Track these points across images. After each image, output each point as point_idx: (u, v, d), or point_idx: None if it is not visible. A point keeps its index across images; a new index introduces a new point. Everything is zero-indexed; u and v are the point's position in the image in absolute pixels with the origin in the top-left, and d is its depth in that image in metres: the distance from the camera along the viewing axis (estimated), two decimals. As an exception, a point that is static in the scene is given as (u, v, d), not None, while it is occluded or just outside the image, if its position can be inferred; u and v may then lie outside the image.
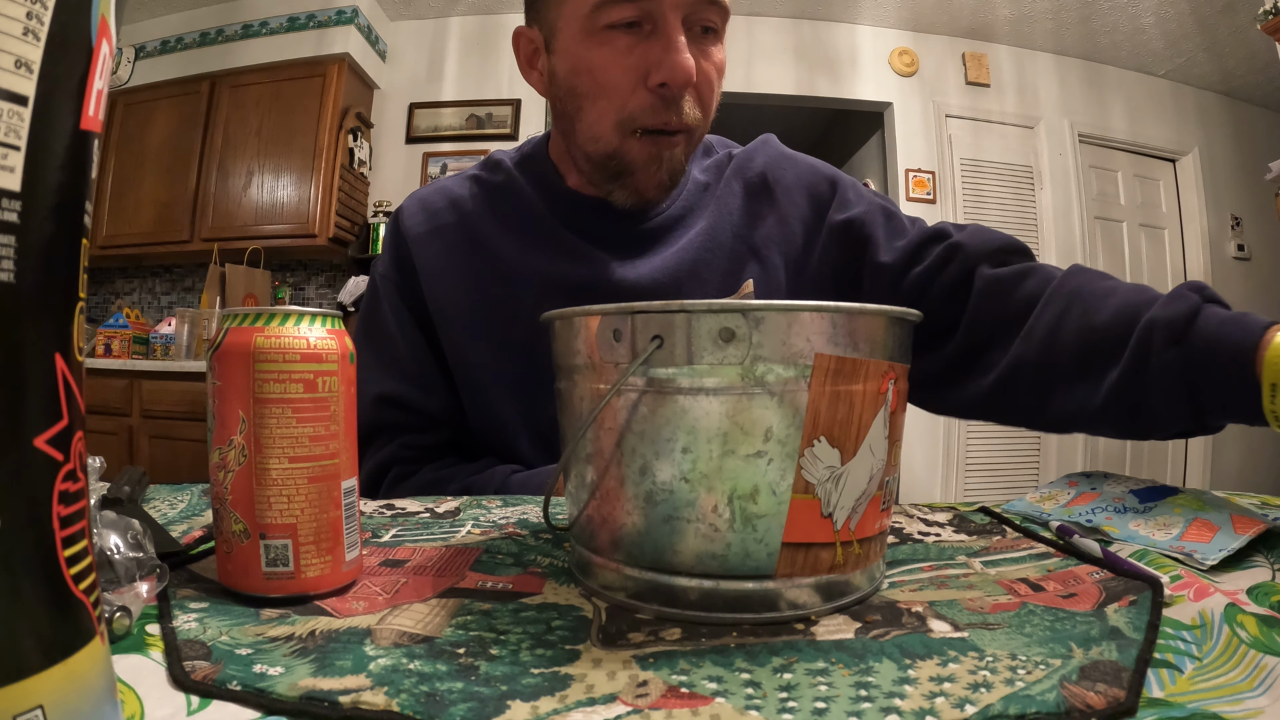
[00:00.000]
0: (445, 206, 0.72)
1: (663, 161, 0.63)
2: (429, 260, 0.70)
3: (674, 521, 0.32)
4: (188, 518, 0.50)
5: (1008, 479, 3.12)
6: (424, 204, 0.73)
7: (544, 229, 0.70)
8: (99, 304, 3.37)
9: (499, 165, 0.74)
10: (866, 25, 3.27)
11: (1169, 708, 0.24)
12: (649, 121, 0.60)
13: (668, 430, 0.32)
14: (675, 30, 0.57)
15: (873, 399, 0.32)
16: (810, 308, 0.31)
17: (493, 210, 0.71)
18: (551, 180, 0.71)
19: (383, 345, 0.71)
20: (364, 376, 0.69)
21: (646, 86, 0.59)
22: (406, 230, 0.72)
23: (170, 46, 3.14)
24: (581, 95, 0.62)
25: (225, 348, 0.34)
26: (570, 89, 0.62)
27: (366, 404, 0.64)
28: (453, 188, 0.74)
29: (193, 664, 0.27)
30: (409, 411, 0.70)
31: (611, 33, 0.58)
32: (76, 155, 0.18)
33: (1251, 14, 2.71)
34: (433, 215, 0.72)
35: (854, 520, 0.33)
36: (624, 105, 0.60)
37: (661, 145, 0.62)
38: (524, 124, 3.16)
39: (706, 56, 0.61)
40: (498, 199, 0.72)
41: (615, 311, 0.33)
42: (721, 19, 0.61)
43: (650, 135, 0.61)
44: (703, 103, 0.62)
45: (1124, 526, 0.46)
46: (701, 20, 0.60)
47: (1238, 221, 3.52)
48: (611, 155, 0.63)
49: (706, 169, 0.76)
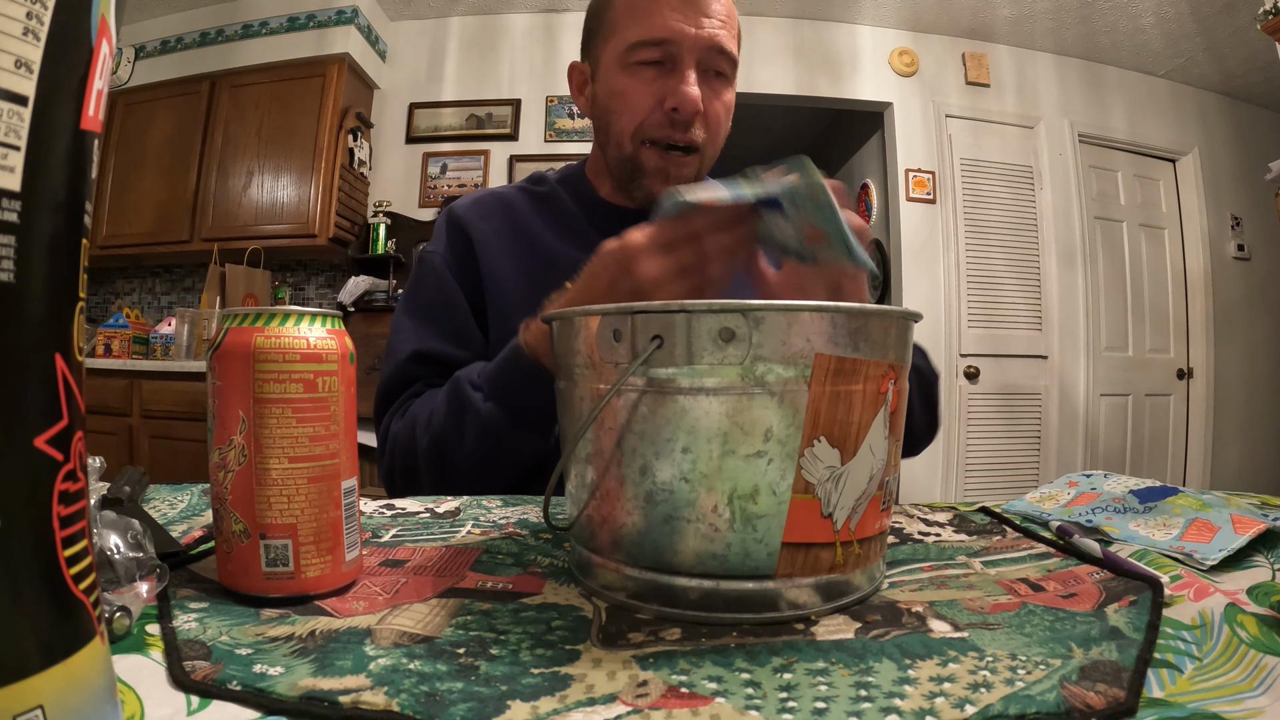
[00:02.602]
0: (495, 204, 0.85)
1: (669, 176, 0.76)
2: (483, 233, 0.81)
3: (674, 521, 0.32)
4: (188, 518, 0.50)
5: (1008, 479, 3.11)
6: (476, 200, 0.86)
7: (576, 228, 0.82)
8: (99, 304, 3.36)
9: (543, 179, 0.88)
10: (866, 25, 3.27)
11: (1169, 708, 0.24)
12: (656, 134, 0.74)
13: (668, 430, 0.32)
14: (689, 69, 0.72)
15: (873, 399, 0.32)
16: (810, 308, 0.31)
17: (537, 211, 0.84)
18: (586, 192, 0.85)
19: (426, 310, 0.79)
20: (402, 338, 0.78)
21: (661, 109, 0.73)
22: (462, 214, 0.83)
23: (170, 46, 3.14)
24: (612, 113, 0.77)
25: (225, 348, 0.34)
26: (605, 108, 0.78)
27: (400, 361, 0.76)
28: (501, 192, 0.87)
29: (193, 664, 0.27)
30: (439, 365, 0.75)
31: (640, 67, 0.74)
32: (76, 155, 0.18)
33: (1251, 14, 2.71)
34: (485, 208, 0.84)
35: (854, 520, 0.33)
36: (641, 121, 0.74)
37: (669, 161, 0.76)
38: (524, 124, 3.16)
39: (715, 95, 0.75)
40: (541, 204, 0.85)
41: (615, 311, 0.33)
42: (730, 67, 0.76)
43: (659, 148, 0.75)
44: (710, 129, 0.75)
45: (1124, 526, 0.46)
46: (713, 66, 0.74)
47: (1238, 221, 3.52)
48: (629, 159, 0.77)
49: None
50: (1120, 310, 3.35)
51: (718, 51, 0.73)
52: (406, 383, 0.75)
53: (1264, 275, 3.54)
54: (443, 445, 0.66)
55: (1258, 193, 3.40)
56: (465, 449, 0.64)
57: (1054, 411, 3.20)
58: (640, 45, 0.72)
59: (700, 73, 0.73)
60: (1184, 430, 3.45)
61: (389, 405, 0.76)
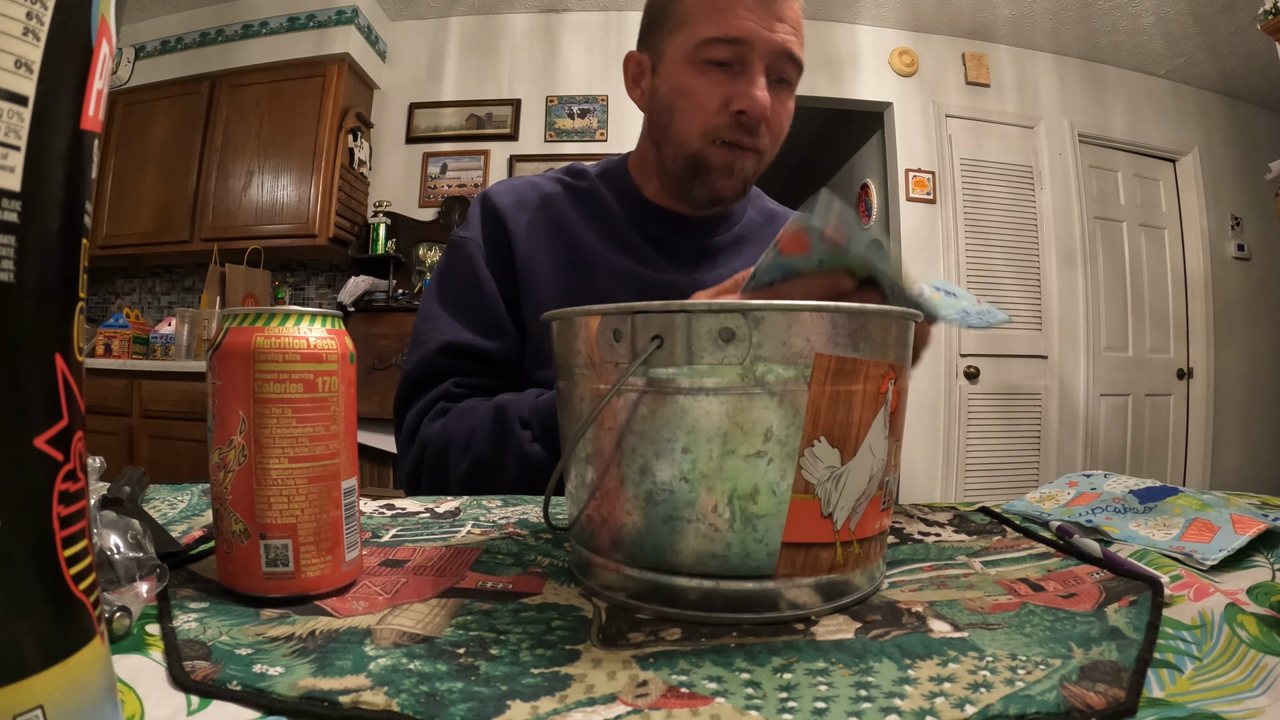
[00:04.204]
0: (532, 194, 0.82)
1: (734, 170, 0.75)
2: (520, 226, 0.79)
3: (674, 521, 0.32)
4: (188, 518, 0.50)
5: (1008, 479, 3.11)
6: (513, 187, 0.83)
7: (618, 229, 0.81)
8: (99, 304, 3.36)
9: (584, 173, 0.85)
10: (866, 25, 3.27)
11: (1169, 708, 0.24)
12: (728, 136, 0.73)
13: (668, 430, 0.32)
14: (759, 73, 0.71)
15: (873, 399, 0.32)
16: (810, 308, 0.31)
17: (575, 206, 0.82)
18: (630, 190, 0.83)
19: (458, 299, 0.77)
20: (432, 326, 0.77)
21: (728, 111, 0.72)
22: (498, 202, 0.80)
23: (170, 46, 3.14)
24: (677, 110, 0.75)
25: (225, 348, 0.34)
26: (668, 105, 0.75)
27: (430, 351, 0.74)
28: (538, 182, 0.84)
29: (193, 664, 0.27)
30: (470, 359, 0.74)
31: (709, 66, 0.72)
32: (76, 155, 0.18)
33: (1251, 14, 2.71)
34: (521, 197, 0.81)
35: (854, 520, 0.33)
36: (709, 121, 0.73)
37: (735, 155, 0.74)
38: (524, 124, 3.15)
39: (780, 101, 0.74)
40: (579, 199, 0.83)
41: (615, 312, 0.33)
42: (797, 73, 0.74)
43: (727, 146, 0.74)
44: (772, 134, 0.75)
45: (1124, 526, 0.46)
46: (780, 71, 0.73)
47: (1238, 221, 3.52)
48: (694, 156, 0.75)
49: (761, 211, 0.90)
50: (1120, 310, 3.35)
51: (787, 58, 0.72)
52: (436, 374, 0.74)
53: (1264, 275, 3.54)
54: (483, 473, 0.67)
55: (1258, 193, 3.40)
56: (506, 478, 0.66)
57: (1054, 411, 3.20)
58: (713, 42, 0.71)
59: (768, 77, 0.72)
60: (1184, 430, 3.45)
61: (415, 395, 0.74)
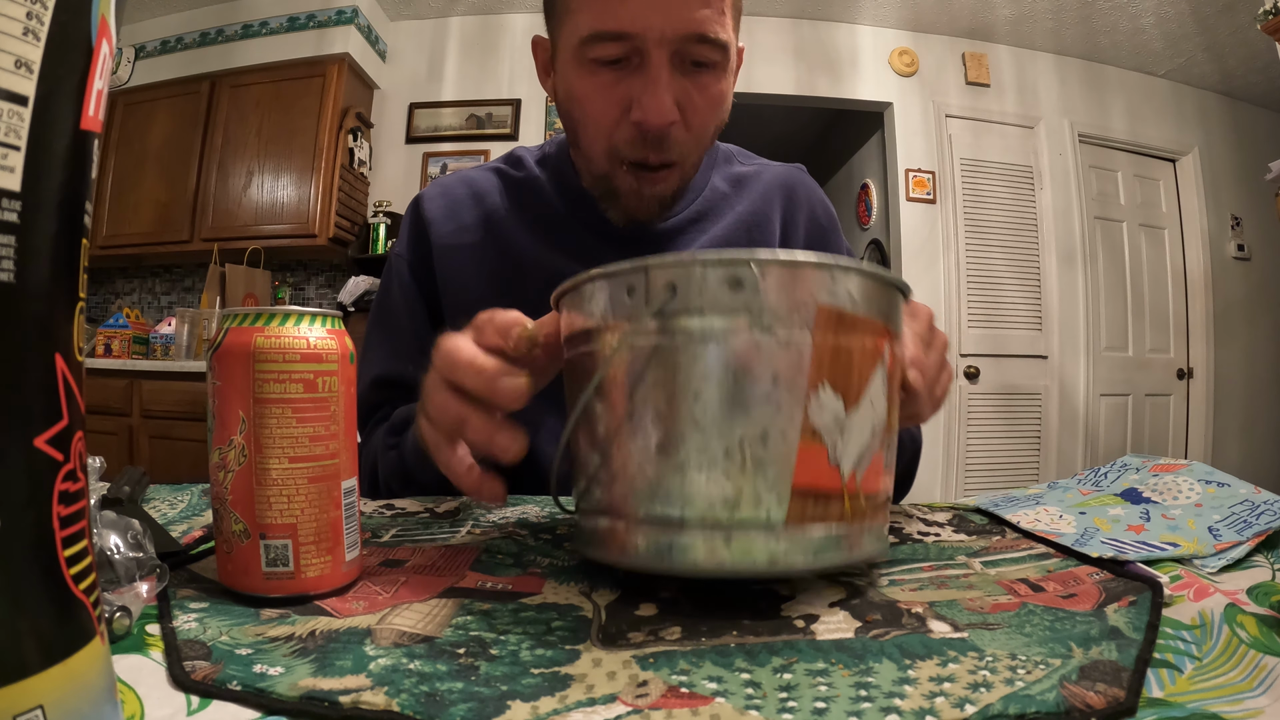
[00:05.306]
0: (466, 194, 0.75)
1: (644, 196, 0.64)
2: (445, 238, 0.73)
3: (685, 470, 0.32)
4: (188, 518, 0.50)
5: (1008, 479, 3.12)
6: (445, 189, 0.76)
7: (558, 226, 0.72)
8: (99, 304, 3.37)
9: (521, 162, 0.77)
10: (866, 25, 3.27)
11: (1169, 708, 0.24)
12: (631, 155, 0.61)
13: (681, 375, 0.32)
14: (658, 68, 0.57)
15: (871, 354, 0.34)
16: (814, 263, 0.33)
17: (512, 202, 0.74)
18: (569, 179, 0.73)
19: (388, 325, 0.74)
20: (368, 359, 0.72)
21: (629, 119, 0.59)
22: (425, 210, 0.74)
23: (170, 46, 3.14)
24: (575, 120, 0.63)
25: (225, 348, 0.34)
26: (566, 112, 0.65)
27: (364, 386, 0.68)
28: (475, 177, 0.77)
29: (193, 664, 0.27)
30: (399, 389, 0.70)
31: (598, 66, 0.59)
32: (76, 155, 0.18)
33: (1251, 14, 2.71)
34: (453, 200, 0.75)
35: (860, 473, 0.34)
36: (610, 136, 0.61)
37: (644, 181, 0.63)
38: (524, 124, 3.16)
39: (700, 89, 0.60)
40: (517, 193, 0.75)
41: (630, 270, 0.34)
42: (719, 54, 0.59)
43: (635, 169, 0.62)
44: (693, 134, 0.62)
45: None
46: (693, 55, 0.58)
47: (1238, 221, 3.52)
48: (602, 179, 0.65)
49: (729, 179, 0.78)
50: (1120, 310, 3.35)
51: (696, 40, 0.57)
52: (371, 408, 0.71)
53: (1264, 275, 3.54)
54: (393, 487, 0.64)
55: (1258, 193, 3.41)
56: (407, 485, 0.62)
57: (1054, 411, 3.20)
58: (596, 39, 0.57)
59: (678, 65, 0.58)
60: (1184, 430, 3.45)
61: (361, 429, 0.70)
